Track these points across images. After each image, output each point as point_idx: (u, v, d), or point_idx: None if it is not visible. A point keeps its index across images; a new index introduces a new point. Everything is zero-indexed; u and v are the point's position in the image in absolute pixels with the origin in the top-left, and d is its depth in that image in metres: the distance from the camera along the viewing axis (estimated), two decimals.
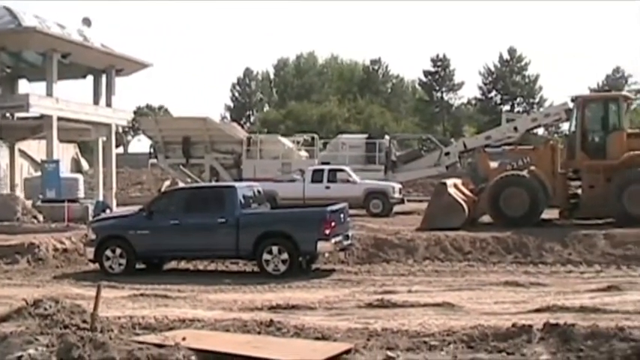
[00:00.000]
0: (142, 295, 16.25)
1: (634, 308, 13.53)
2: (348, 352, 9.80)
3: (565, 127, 29.56)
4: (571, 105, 26.97)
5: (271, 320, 11.70)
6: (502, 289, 16.37)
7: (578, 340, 10.12)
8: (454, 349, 10.23)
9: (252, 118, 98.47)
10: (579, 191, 25.66)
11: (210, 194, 21.00)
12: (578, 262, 19.83)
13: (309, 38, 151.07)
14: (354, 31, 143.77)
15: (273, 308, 14.06)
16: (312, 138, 40.45)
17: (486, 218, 25.44)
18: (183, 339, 9.69)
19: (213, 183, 33.64)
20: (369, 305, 14.26)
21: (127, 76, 41.17)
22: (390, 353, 9.84)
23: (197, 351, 9.28)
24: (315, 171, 32.98)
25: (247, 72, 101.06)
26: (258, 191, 21.10)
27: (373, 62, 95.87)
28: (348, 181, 32.24)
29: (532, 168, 24.95)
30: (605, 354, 9.66)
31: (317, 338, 10.73)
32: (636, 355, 9.50)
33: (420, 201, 33.63)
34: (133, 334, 10.78)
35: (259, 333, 11.00)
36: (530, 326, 10.81)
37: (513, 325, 10.96)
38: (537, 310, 13.36)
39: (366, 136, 40.39)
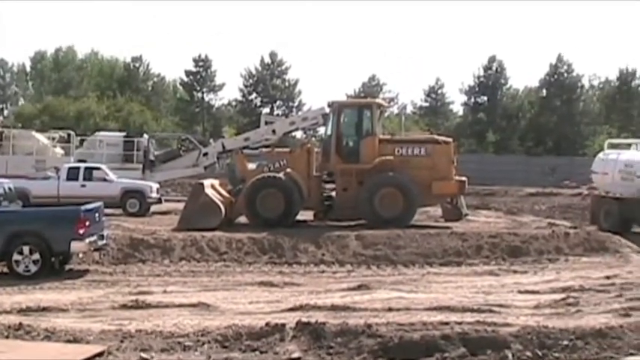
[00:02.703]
0: None
1: (382, 306, 14.11)
2: (100, 354, 9.67)
3: (322, 130, 30.29)
4: (327, 110, 27.74)
5: (20, 323, 11.33)
6: (257, 288, 16.60)
7: (328, 338, 10.46)
8: (208, 349, 10.31)
9: (5, 112, 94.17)
10: (333, 194, 26.43)
11: None
12: (331, 262, 20.39)
13: (69, 32, 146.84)
14: (116, 27, 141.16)
15: (22, 311, 13.55)
16: (69, 135, 39.24)
17: (243, 219, 25.69)
18: None
19: None
20: (124, 306, 14.06)
21: None
22: (143, 355, 9.79)
23: None
24: (70, 169, 32.03)
25: (2, 63, 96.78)
26: (10, 188, 20.20)
27: (134, 60, 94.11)
28: (104, 179, 31.55)
29: (288, 170, 25.44)
30: (354, 350, 10.05)
31: (68, 341, 10.50)
32: (382, 350, 9.95)
33: (178, 201, 33.46)
34: None
35: (7, 337, 10.63)
36: (283, 325, 11.07)
37: (267, 324, 11.19)
38: (290, 310, 13.66)
39: (124, 134, 39.75)
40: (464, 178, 26.44)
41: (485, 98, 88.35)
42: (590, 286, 17.06)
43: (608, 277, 18.42)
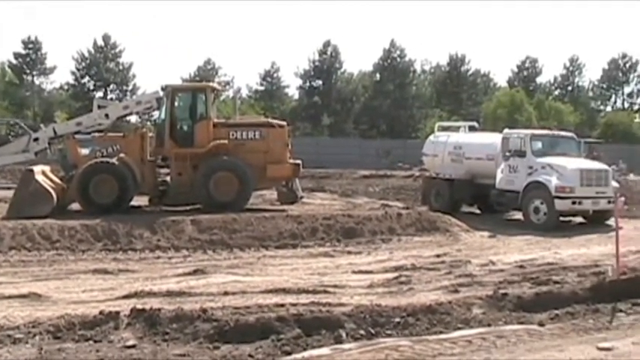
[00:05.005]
0: None
1: (218, 290, 14.13)
2: None
3: (157, 115, 29.94)
4: (162, 94, 27.43)
5: None
6: (91, 277, 16.26)
7: (164, 324, 10.42)
8: (40, 340, 10.08)
9: None
10: (168, 178, 26.22)
11: None
12: (167, 247, 20.17)
13: None
14: None
15: None
16: None
17: (76, 206, 25.13)
18: None
19: None
20: None
21: None
22: None
23: None
24: None
25: None
26: None
27: None
28: None
29: (122, 155, 25.05)
30: (189, 335, 10.05)
31: None
32: (218, 334, 9.99)
33: (8, 188, 32.30)
34: None
35: None
36: (118, 313, 10.94)
37: (101, 313, 11.03)
38: (125, 297, 13.49)
39: None
40: (299, 161, 26.70)
41: (321, 82, 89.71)
42: (422, 264, 17.60)
43: (438, 256, 19.06)
